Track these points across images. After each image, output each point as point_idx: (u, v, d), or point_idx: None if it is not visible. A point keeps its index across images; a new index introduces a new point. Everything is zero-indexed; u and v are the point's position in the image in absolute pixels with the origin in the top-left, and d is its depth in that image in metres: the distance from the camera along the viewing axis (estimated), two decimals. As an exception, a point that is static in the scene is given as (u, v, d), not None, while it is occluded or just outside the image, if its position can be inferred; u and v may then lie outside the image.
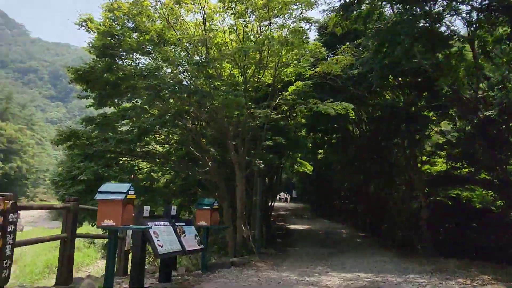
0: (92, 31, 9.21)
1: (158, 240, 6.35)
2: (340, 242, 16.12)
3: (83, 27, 9.32)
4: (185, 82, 9.51)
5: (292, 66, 11.50)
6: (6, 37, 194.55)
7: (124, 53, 9.30)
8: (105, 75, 8.99)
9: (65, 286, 6.36)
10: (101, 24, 9.11)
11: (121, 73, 8.83)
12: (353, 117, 11.93)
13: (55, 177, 10.60)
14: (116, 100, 10.22)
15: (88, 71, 8.91)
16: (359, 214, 22.21)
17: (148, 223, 6.41)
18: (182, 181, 13.10)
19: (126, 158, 11.59)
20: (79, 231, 9.78)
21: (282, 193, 40.66)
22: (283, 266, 9.64)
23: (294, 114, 14.57)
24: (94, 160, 9.02)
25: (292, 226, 21.91)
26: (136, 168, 10.77)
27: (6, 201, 4.79)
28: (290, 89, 11.22)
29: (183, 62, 8.31)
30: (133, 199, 5.87)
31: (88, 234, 8.62)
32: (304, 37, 9.57)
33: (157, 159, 12.27)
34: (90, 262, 19.73)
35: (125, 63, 9.22)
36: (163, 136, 12.35)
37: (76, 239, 6.89)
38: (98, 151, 8.92)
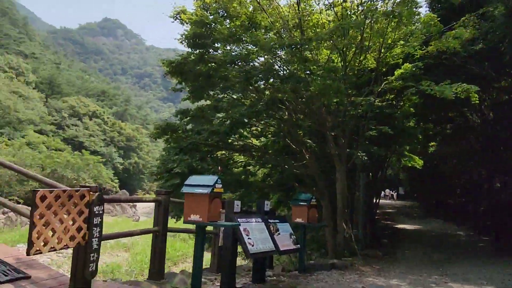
0: (186, 22, 9.13)
1: (249, 238, 5.82)
2: (457, 246, 14.13)
3: (177, 20, 9.30)
4: (278, 68, 8.89)
5: (399, 46, 10.16)
6: (125, 47, 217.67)
7: (216, 43, 9.02)
8: (197, 67, 8.81)
9: (157, 281, 6.18)
10: (193, 14, 8.97)
11: (213, 63, 8.56)
12: (476, 101, 10.13)
13: (154, 170, 10.86)
14: (211, 93, 10.03)
15: (181, 63, 8.83)
16: (480, 214, 19.42)
17: (238, 219, 5.90)
18: (279, 175, 12.56)
19: (223, 152, 11.43)
20: (179, 225, 9.69)
21: (387, 190, 38.30)
22: (391, 272, 8.50)
23: (401, 103, 13.08)
24: (189, 153, 8.94)
25: (399, 226, 20.10)
26: (231, 161, 10.50)
27: (91, 193, 4.64)
28: (397, 72, 9.91)
29: (275, 45, 7.67)
30: (221, 193, 5.41)
31: (180, 228, 8.50)
32: (415, 8, 8.24)
33: (253, 153, 11.92)
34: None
35: (216, 53, 8.94)
36: (259, 129, 11.94)
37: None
38: (192, 143, 8.80)
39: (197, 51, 8.92)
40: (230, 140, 11.04)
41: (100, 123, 63.01)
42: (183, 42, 9.07)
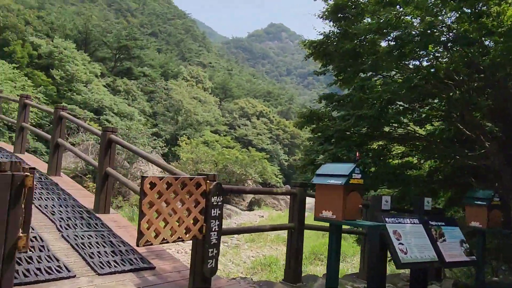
0: (329, -2, 8.18)
1: (400, 244, 4.60)
2: None
3: (321, -3, 8.42)
4: (439, 34, 7.10)
5: None
6: (289, 48, 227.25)
7: (361, 15, 7.78)
8: (341, 45, 7.76)
9: (293, 284, 5.48)
10: (336, -16, 7.96)
11: (359, 39, 7.39)
12: None
13: (298, 162, 10.22)
14: (361, 75, 8.81)
15: (323, 42, 7.94)
16: None
17: (386, 219, 4.74)
18: (450, 168, 10.43)
19: (380, 143, 10.04)
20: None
21: None
22: None
23: None
24: (335, 143, 7.98)
25: None
26: (385, 151, 9.06)
27: (208, 181, 4.21)
28: None
29: (436, 1, 6.01)
30: (361, 185, 4.37)
31: (321, 225, 7.57)
32: None
33: (417, 143, 10.15)
34: (355, 252, 19.22)
35: (363, 23, 7.70)
36: (423, 115, 10.11)
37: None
38: (338, 131, 7.81)
39: (339, 24, 7.87)
40: (387, 129, 9.58)
41: (266, 122, 66.53)
42: (324, 18, 8.17)
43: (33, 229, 4.55)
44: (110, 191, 5.79)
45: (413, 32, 6.53)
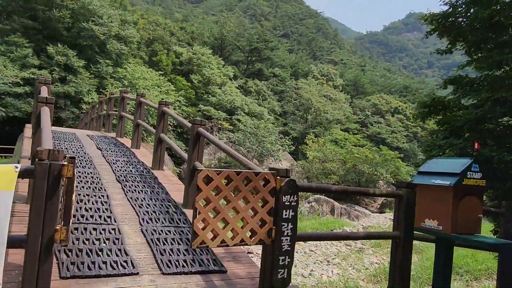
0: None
1: (545, 271, 3.31)
2: None
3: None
4: None
5: None
6: (431, 38, 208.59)
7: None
8: (474, 15, 6.24)
9: (396, 306, 4.49)
10: None
11: (497, 5, 5.82)
12: None
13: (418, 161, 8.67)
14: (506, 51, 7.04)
15: (449, 14, 6.51)
16: None
17: (524, 235, 3.48)
18: None
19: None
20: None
21: None
22: None
23: None
24: (464, 136, 6.47)
25: None
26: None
27: (278, 177, 3.62)
28: None
29: None
30: (481, 187, 3.28)
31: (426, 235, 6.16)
32: None
33: None
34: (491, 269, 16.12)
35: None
36: None
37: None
38: (469, 121, 6.30)
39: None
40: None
41: (402, 118, 61.91)
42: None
43: (115, 221, 4.60)
44: (198, 186, 5.62)
45: None
